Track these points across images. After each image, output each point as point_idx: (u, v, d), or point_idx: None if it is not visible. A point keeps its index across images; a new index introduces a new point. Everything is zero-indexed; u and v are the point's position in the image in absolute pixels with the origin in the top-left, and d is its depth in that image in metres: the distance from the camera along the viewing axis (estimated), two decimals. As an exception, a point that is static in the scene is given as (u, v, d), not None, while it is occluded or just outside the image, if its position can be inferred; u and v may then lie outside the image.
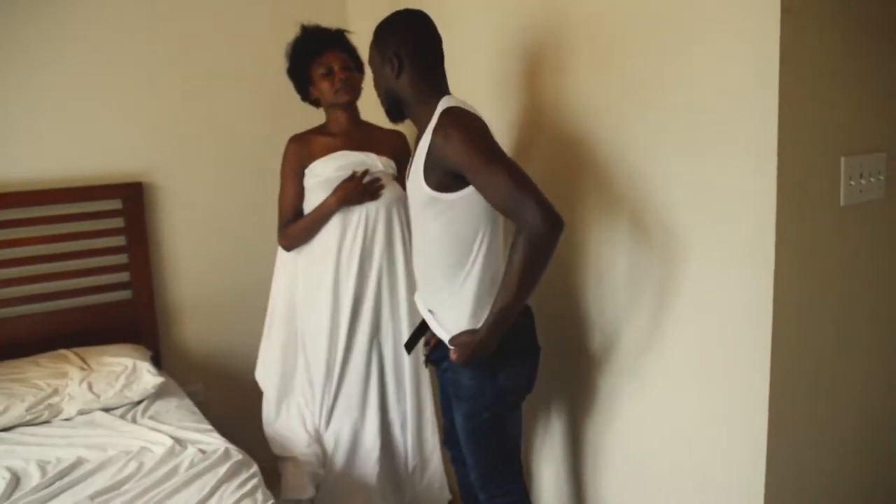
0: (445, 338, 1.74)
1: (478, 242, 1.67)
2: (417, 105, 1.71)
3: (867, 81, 1.64)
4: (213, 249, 2.75)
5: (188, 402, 2.27)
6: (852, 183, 1.64)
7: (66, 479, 1.77)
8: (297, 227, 2.17)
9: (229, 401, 2.76)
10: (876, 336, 1.78)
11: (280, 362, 2.31)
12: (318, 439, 2.27)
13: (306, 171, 2.19)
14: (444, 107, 1.65)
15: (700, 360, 1.71)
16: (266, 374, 2.36)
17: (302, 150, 2.19)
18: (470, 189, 1.62)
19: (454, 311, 1.71)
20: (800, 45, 1.47)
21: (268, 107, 2.75)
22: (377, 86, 1.77)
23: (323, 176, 2.15)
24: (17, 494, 1.71)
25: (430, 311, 1.78)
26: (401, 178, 2.21)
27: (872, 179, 1.67)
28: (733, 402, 1.65)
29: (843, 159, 1.61)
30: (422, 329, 1.92)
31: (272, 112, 2.76)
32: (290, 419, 2.30)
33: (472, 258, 1.67)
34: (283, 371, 2.31)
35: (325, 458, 2.27)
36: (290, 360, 2.30)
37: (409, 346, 1.96)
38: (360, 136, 2.21)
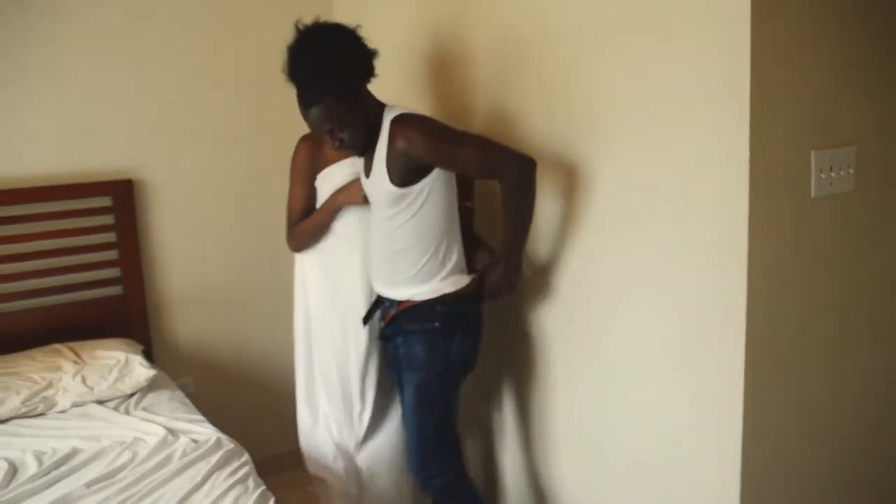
0: (429, 296, 1.88)
1: (445, 219, 1.86)
2: (376, 124, 1.82)
3: (838, 76, 1.70)
4: (202, 245, 2.79)
5: (180, 394, 2.31)
6: (822, 176, 1.69)
7: (63, 469, 1.81)
8: (302, 228, 2.13)
9: (219, 394, 2.79)
10: (845, 323, 1.84)
11: (304, 373, 2.26)
12: (348, 454, 2.22)
13: (320, 176, 2.12)
14: (392, 115, 1.81)
15: (675, 351, 1.76)
16: (298, 387, 2.29)
17: (315, 152, 2.11)
18: (431, 176, 1.80)
19: (429, 282, 1.88)
20: (771, 40, 1.53)
21: (257, 105, 2.79)
22: (353, 129, 1.78)
23: (337, 181, 2.10)
24: (14, 483, 1.75)
25: (395, 289, 1.92)
26: None
27: (842, 172, 1.73)
28: (709, 390, 1.70)
29: (813, 153, 1.67)
30: (376, 305, 2.04)
31: (262, 110, 2.79)
32: (318, 434, 2.25)
33: (442, 233, 1.85)
34: (306, 381, 2.26)
35: (358, 477, 2.23)
36: (311, 371, 2.26)
37: (366, 319, 2.08)
38: None
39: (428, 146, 1.74)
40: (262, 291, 2.90)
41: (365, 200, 2.00)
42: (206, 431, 1.99)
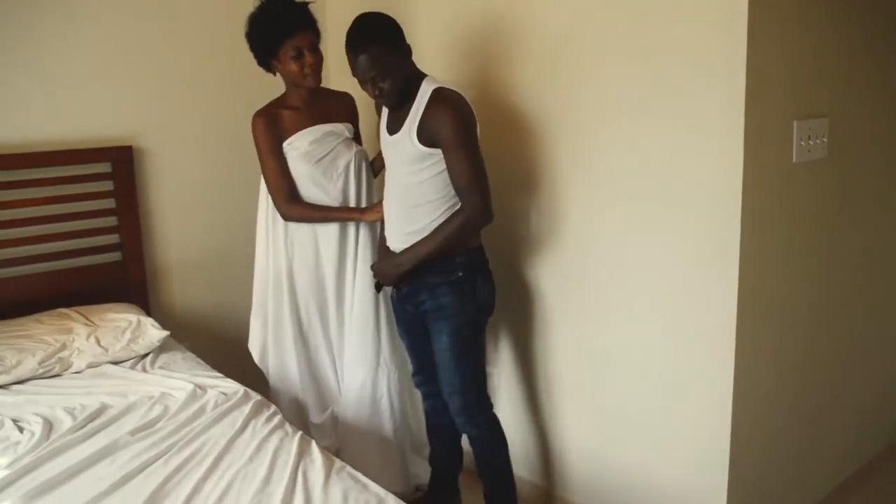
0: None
1: None
2: (413, 84, 1.97)
3: (815, 53, 1.93)
4: (201, 213, 2.84)
5: (191, 355, 2.38)
6: (802, 143, 1.92)
7: (97, 422, 1.86)
8: (310, 214, 2.32)
9: (215, 361, 2.84)
10: (821, 271, 2.10)
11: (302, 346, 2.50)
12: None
13: (285, 144, 2.32)
14: (435, 86, 1.95)
15: (674, 298, 1.96)
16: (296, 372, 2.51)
17: (274, 125, 2.31)
18: None
19: None
20: (764, 24, 1.73)
21: (256, 73, 2.82)
22: (393, 79, 1.92)
23: (301, 149, 2.30)
24: (53, 436, 1.79)
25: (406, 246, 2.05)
26: (357, 137, 2.45)
27: (818, 141, 1.96)
28: (700, 336, 1.91)
29: (795, 122, 1.89)
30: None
31: (260, 78, 2.83)
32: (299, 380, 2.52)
33: (454, 195, 1.98)
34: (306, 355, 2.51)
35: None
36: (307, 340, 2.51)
37: (380, 285, 2.23)
38: (320, 107, 2.35)
39: (447, 130, 1.89)
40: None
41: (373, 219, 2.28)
42: (232, 385, 2.07)
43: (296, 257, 2.41)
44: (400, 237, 2.07)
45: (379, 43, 1.90)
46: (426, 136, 1.93)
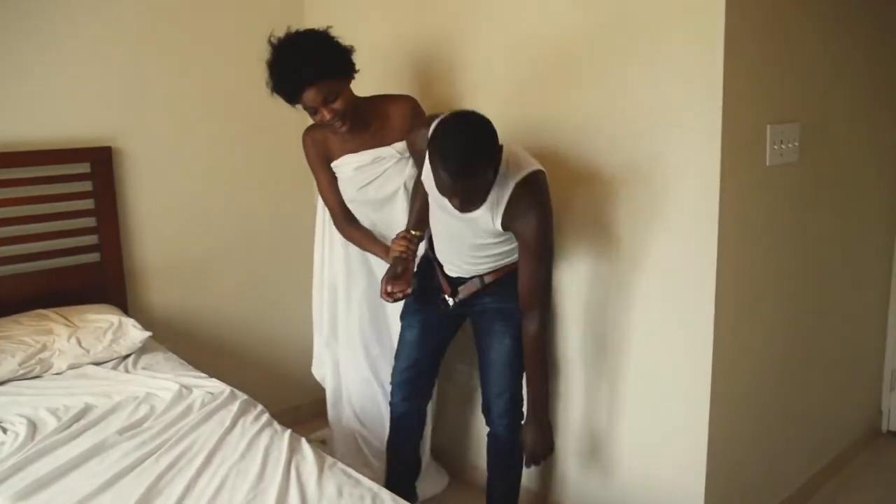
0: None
1: None
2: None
3: (788, 62, 2.01)
4: (179, 215, 2.82)
5: (173, 355, 2.37)
6: (775, 147, 1.99)
7: (83, 422, 1.85)
8: (352, 236, 2.36)
9: (195, 361, 2.83)
10: (795, 270, 2.18)
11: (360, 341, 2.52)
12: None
13: (332, 165, 2.30)
14: (519, 175, 1.81)
15: (655, 300, 2.02)
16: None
17: (321, 144, 2.28)
18: None
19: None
20: (740, 34, 1.79)
21: (237, 75, 2.83)
22: (487, 193, 1.80)
23: (346, 175, 2.29)
24: (38, 437, 1.77)
25: (478, 268, 2.05)
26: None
27: (790, 145, 2.04)
28: (680, 334, 1.97)
29: (768, 127, 1.96)
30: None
31: (241, 81, 2.83)
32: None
33: None
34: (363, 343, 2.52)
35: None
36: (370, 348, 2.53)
37: (454, 294, 2.11)
38: (370, 128, 2.24)
39: (531, 232, 1.82)
40: (236, 262, 2.98)
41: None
42: (218, 385, 2.07)
43: (353, 267, 2.43)
44: (452, 267, 2.08)
45: (485, 170, 1.72)
46: (509, 225, 1.86)
